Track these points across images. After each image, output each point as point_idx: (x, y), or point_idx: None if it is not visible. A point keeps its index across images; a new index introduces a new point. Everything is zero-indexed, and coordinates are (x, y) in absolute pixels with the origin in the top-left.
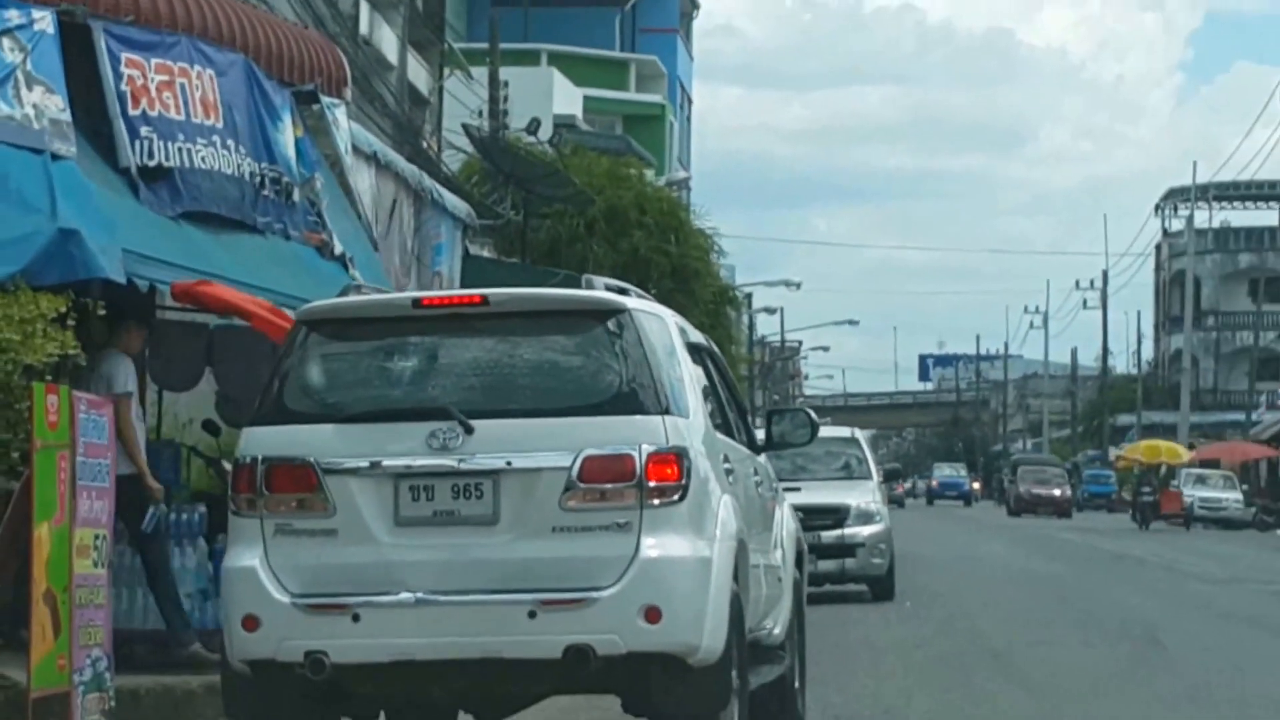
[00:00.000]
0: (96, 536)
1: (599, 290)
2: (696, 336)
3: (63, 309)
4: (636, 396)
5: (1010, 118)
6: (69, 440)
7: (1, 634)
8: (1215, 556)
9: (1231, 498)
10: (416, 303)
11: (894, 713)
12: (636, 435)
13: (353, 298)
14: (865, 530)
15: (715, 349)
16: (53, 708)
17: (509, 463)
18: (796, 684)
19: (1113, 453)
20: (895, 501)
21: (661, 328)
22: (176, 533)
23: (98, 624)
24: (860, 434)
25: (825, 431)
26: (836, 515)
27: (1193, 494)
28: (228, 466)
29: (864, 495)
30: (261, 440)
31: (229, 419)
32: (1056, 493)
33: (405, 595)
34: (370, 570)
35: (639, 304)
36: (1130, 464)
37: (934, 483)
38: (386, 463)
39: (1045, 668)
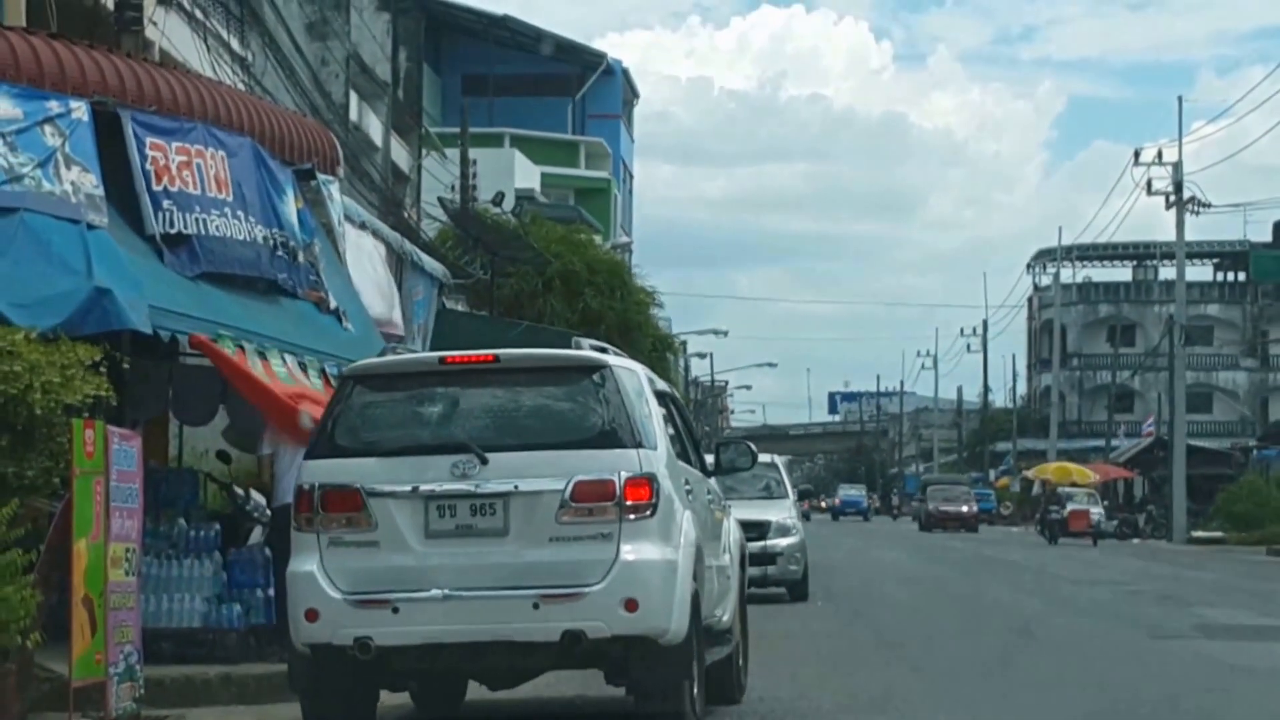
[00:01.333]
0: (127, 550)
1: (586, 350)
2: (661, 385)
3: (97, 357)
4: (616, 434)
5: (904, 188)
6: (103, 468)
7: (46, 633)
8: (1081, 561)
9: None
10: (441, 360)
11: (809, 693)
12: (616, 464)
13: (389, 358)
14: (784, 541)
15: (676, 393)
16: (91, 696)
17: (516, 486)
18: (741, 661)
19: (992, 474)
20: (803, 516)
21: (634, 379)
22: (195, 546)
23: (129, 624)
24: (779, 459)
25: None
26: (760, 529)
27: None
28: (239, 490)
29: (782, 512)
30: (317, 470)
31: (235, 443)
32: (964, 509)
33: (435, 592)
34: (406, 573)
35: (617, 360)
36: (1033, 482)
37: (837, 501)
38: (419, 488)
39: (935, 655)
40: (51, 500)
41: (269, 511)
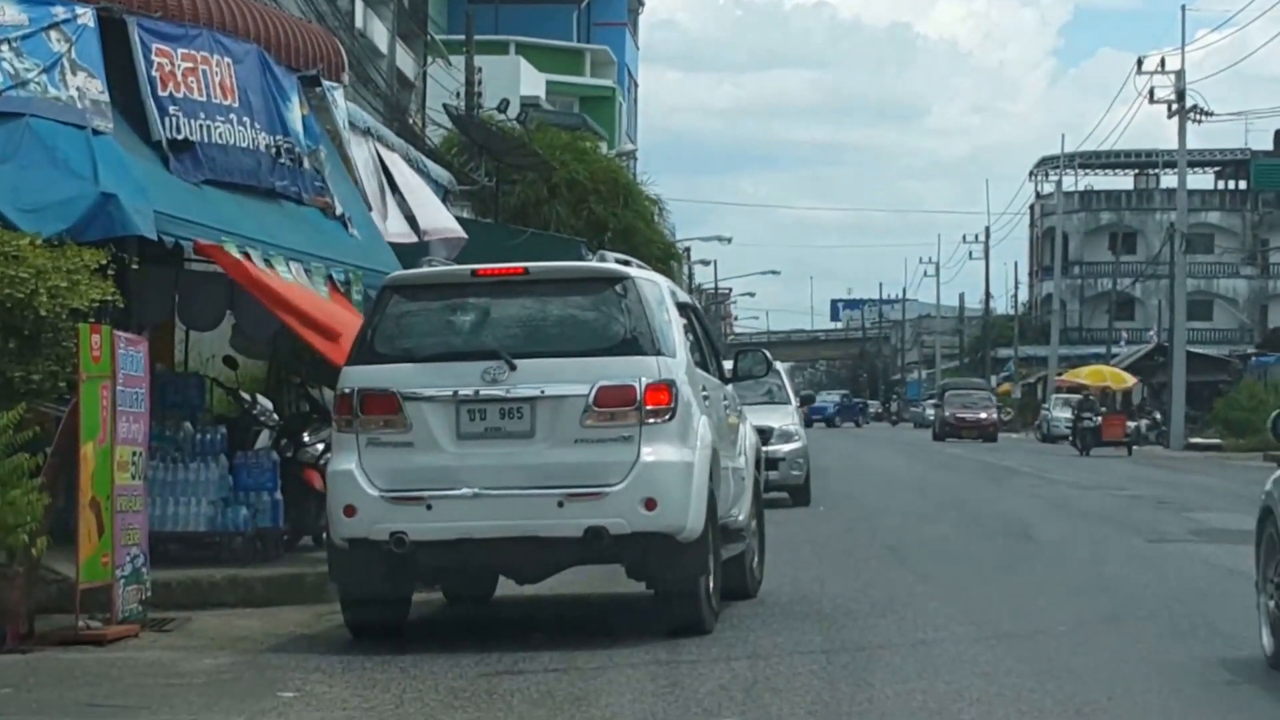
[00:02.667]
0: (134, 453)
1: (609, 262)
2: (682, 295)
3: (103, 261)
4: (637, 342)
5: (909, 97)
6: (110, 372)
7: (54, 536)
8: (1080, 467)
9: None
10: (473, 272)
11: (810, 595)
12: (637, 371)
13: (424, 269)
14: (786, 447)
15: (697, 304)
16: (98, 598)
17: (543, 391)
18: (756, 558)
19: (994, 380)
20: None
21: (656, 290)
22: (201, 450)
23: (135, 527)
24: (781, 366)
25: None
26: (762, 435)
27: (1059, 415)
28: (245, 395)
29: (785, 418)
30: (356, 376)
31: (242, 350)
32: (983, 416)
33: (466, 490)
34: (439, 472)
35: (639, 272)
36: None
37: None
38: (451, 392)
39: (935, 559)
40: (58, 404)
41: (275, 416)
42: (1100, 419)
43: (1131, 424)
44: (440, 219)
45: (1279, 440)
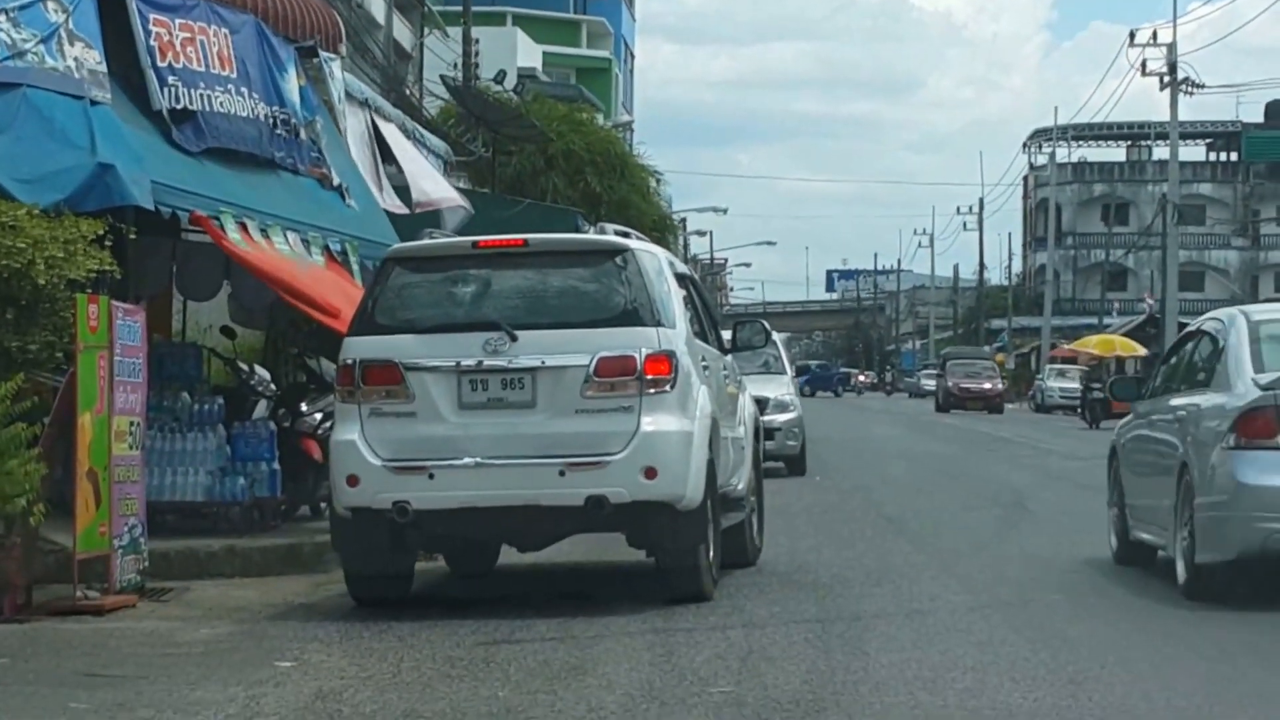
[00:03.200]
0: (131, 423)
1: (609, 234)
2: (681, 267)
3: (100, 231)
4: (637, 313)
5: (903, 69)
6: (107, 342)
7: (51, 506)
8: (1076, 437)
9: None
10: (474, 244)
11: (806, 565)
12: (637, 341)
13: (425, 241)
14: (781, 417)
15: (695, 276)
16: (95, 568)
17: (543, 362)
18: (755, 527)
19: (987, 350)
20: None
21: (655, 261)
22: (199, 420)
23: (133, 497)
24: (777, 337)
25: None
26: (758, 405)
27: (1054, 385)
28: (243, 365)
29: (781, 388)
30: (358, 347)
31: (240, 320)
32: (987, 386)
33: (468, 459)
34: (441, 442)
35: (638, 244)
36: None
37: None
38: (453, 362)
39: (931, 528)
40: (55, 374)
41: (273, 386)
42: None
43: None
44: (441, 189)
45: (1117, 399)
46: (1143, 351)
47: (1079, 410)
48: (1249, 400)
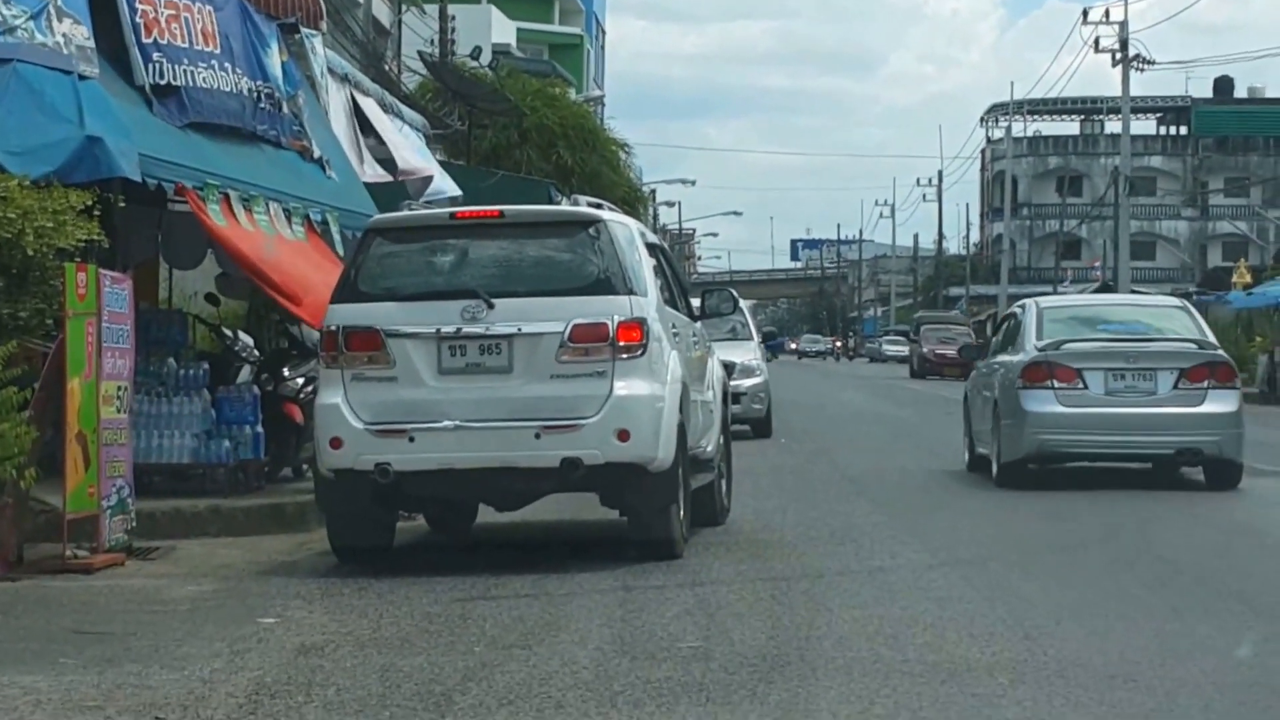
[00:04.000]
0: (119, 388)
1: (582, 206)
2: (652, 237)
3: (89, 202)
4: (610, 282)
5: (866, 46)
6: (95, 309)
7: (42, 468)
8: None
9: None
10: (452, 215)
11: (772, 524)
12: (610, 309)
13: (405, 212)
14: (748, 382)
15: (665, 246)
16: (84, 528)
17: (520, 329)
18: (724, 487)
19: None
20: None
21: (627, 232)
22: (184, 385)
23: (120, 459)
24: (744, 304)
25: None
26: (725, 370)
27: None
28: (227, 332)
29: (747, 354)
30: (341, 314)
31: (225, 291)
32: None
33: (447, 423)
34: (421, 405)
35: (611, 215)
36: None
37: (799, 345)
38: (433, 329)
39: (891, 489)
40: (45, 341)
41: (256, 352)
42: None
43: None
44: (417, 160)
45: (965, 360)
46: None
47: None
48: (1031, 357)
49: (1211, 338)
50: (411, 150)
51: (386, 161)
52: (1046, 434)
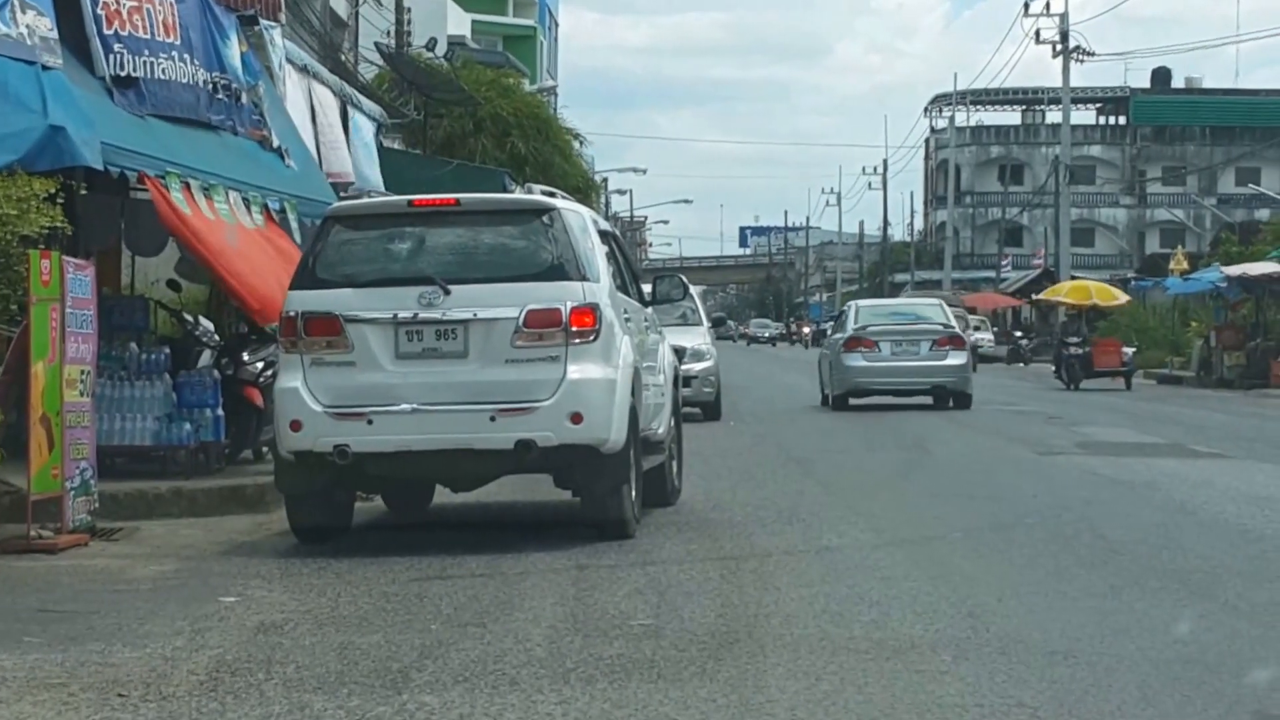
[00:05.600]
0: (82, 372)
1: (536, 194)
2: (604, 224)
3: (53, 190)
4: (563, 268)
5: (813, 37)
6: (59, 295)
7: (6, 450)
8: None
9: (986, 337)
10: (409, 203)
11: (721, 505)
12: (563, 295)
13: (363, 200)
14: (698, 366)
15: (617, 233)
16: (49, 508)
17: (475, 314)
18: (675, 469)
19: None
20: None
21: (579, 219)
22: (146, 369)
23: (84, 442)
24: (694, 290)
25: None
26: (676, 354)
27: None
28: (188, 317)
29: (697, 338)
30: (300, 300)
31: (187, 276)
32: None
33: (404, 406)
34: (379, 389)
35: (564, 203)
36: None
37: (749, 330)
38: (390, 315)
39: (838, 470)
40: (10, 326)
41: (216, 337)
42: (1091, 346)
43: (1128, 350)
44: (338, 163)
45: (820, 341)
46: (1123, 299)
47: (1055, 370)
48: (849, 334)
49: (952, 322)
50: (343, 156)
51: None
52: (857, 378)
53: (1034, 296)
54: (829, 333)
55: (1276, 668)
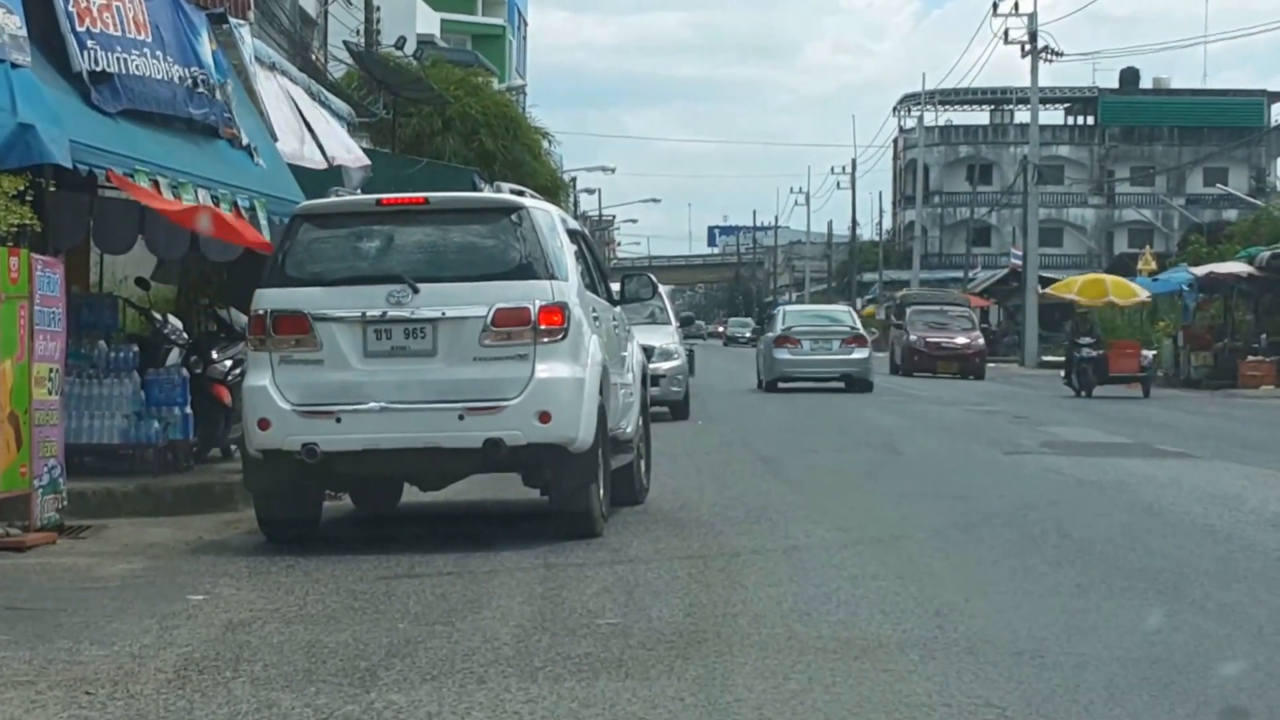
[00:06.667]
0: (51, 370)
1: (505, 193)
2: (573, 223)
3: (21, 188)
4: (531, 267)
5: (781, 35)
6: (28, 293)
7: None
8: (941, 384)
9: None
10: (378, 201)
11: (689, 504)
12: (531, 294)
13: (333, 198)
14: (666, 365)
15: (586, 232)
16: (17, 506)
17: (444, 313)
18: (643, 468)
19: (859, 303)
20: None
21: (548, 218)
22: (115, 367)
23: (52, 440)
24: (662, 289)
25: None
26: (645, 353)
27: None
28: (156, 315)
29: (666, 338)
30: (269, 298)
31: (156, 275)
32: (962, 341)
33: (373, 404)
34: (347, 387)
35: (533, 202)
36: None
37: (726, 329)
38: (359, 313)
39: (807, 470)
40: None
41: (185, 335)
42: (1103, 350)
43: (1147, 353)
44: (344, 147)
45: (756, 335)
46: (1144, 295)
47: (1065, 375)
48: (778, 333)
49: (859, 325)
50: (342, 139)
51: (319, 147)
52: (784, 368)
53: (1041, 291)
54: (764, 331)
55: (1243, 664)
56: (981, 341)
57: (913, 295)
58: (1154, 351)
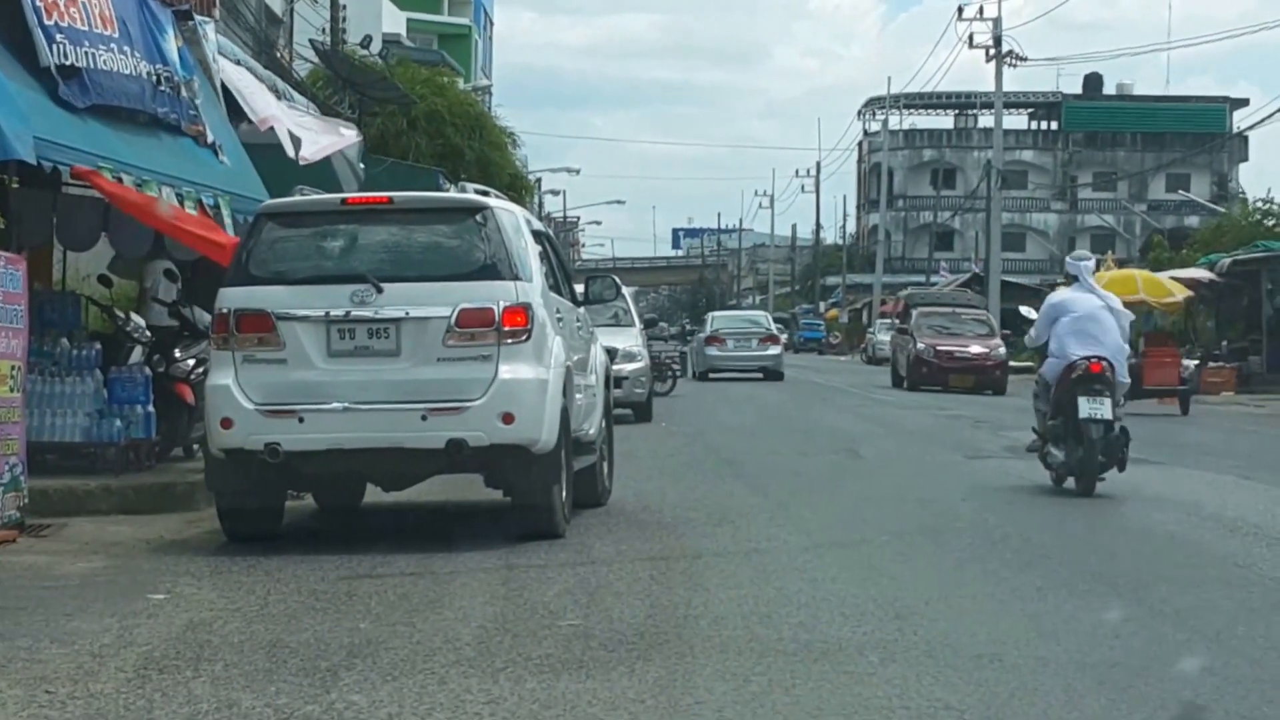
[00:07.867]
0: (12, 367)
1: (470, 193)
2: (537, 224)
3: None
4: (496, 267)
5: (749, 40)
6: None
7: None
8: (932, 395)
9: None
10: (342, 201)
11: (651, 506)
12: (495, 294)
13: (298, 197)
14: (629, 366)
15: (550, 232)
16: None
17: (408, 313)
18: (606, 469)
19: (823, 306)
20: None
21: (513, 219)
22: (77, 365)
23: (14, 437)
24: (626, 291)
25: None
26: (608, 355)
27: (884, 339)
28: (119, 314)
29: (629, 339)
30: (233, 297)
31: (119, 272)
32: (977, 350)
33: (336, 404)
34: (311, 387)
35: (497, 203)
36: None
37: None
38: (322, 313)
39: (770, 473)
40: None
41: (148, 333)
42: (1137, 359)
43: (1189, 362)
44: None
45: (695, 335)
46: (1180, 296)
47: None
48: (708, 333)
49: (772, 327)
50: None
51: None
52: (712, 362)
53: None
54: (696, 333)
55: (1201, 667)
56: (1003, 350)
57: (920, 295)
58: (1195, 361)
